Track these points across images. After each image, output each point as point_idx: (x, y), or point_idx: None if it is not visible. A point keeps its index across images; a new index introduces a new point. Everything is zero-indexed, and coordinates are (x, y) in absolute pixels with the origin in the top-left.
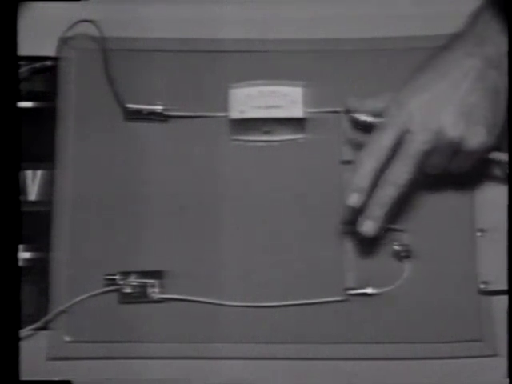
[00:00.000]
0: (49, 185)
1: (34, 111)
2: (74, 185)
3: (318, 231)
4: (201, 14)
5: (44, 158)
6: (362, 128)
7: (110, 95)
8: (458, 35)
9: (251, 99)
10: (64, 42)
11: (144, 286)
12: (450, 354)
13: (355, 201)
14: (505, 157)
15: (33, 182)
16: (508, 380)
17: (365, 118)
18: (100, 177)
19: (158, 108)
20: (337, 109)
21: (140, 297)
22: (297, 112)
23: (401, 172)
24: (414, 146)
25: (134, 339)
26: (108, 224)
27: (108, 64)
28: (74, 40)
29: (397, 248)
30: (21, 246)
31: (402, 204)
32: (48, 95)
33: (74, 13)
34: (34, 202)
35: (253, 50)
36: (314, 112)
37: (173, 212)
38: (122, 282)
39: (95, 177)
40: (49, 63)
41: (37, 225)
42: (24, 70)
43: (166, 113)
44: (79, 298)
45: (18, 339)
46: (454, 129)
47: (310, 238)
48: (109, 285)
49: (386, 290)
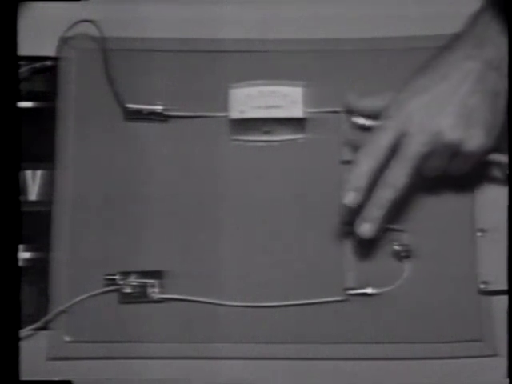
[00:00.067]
0: (49, 185)
1: (34, 111)
2: (74, 185)
3: (318, 231)
4: (201, 14)
5: (44, 158)
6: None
7: (110, 95)
8: (457, 36)
9: (251, 99)
10: (64, 41)
11: (144, 285)
12: (449, 354)
13: (351, 200)
14: (505, 158)
15: (33, 182)
16: (508, 380)
17: (363, 121)
18: (100, 177)
19: (158, 108)
20: (337, 109)
21: (140, 297)
22: (297, 112)
23: (399, 174)
24: (413, 148)
25: (134, 339)
26: (108, 224)
27: (108, 64)
28: (74, 40)
29: (397, 248)
30: (21, 246)
31: (402, 204)
32: (48, 95)
33: (74, 13)
34: (34, 202)
35: (253, 50)
36: (313, 112)
37: (173, 212)
38: (122, 282)
39: (95, 177)
40: (49, 63)
41: (37, 225)
42: (24, 69)
43: (166, 113)
44: (79, 298)
45: (18, 339)
46: (452, 131)
47: (310, 238)
48: (109, 285)
49: (385, 289)
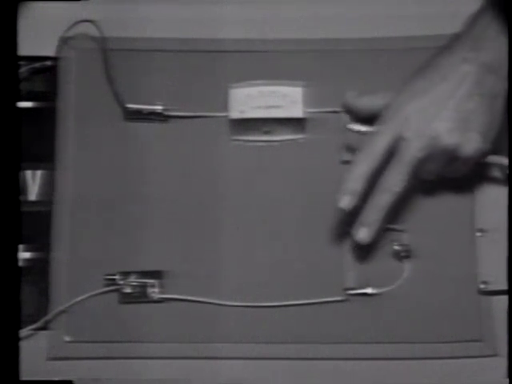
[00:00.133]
0: (49, 185)
1: (34, 111)
2: (74, 185)
3: (318, 231)
4: (201, 13)
5: (44, 158)
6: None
7: (110, 95)
8: (455, 39)
9: (251, 99)
10: (64, 41)
11: (144, 286)
12: (449, 354)
13: (347, 203)
14: (505, 160)
15: (33, 182)
16: (508, 380)
17: (359, 127)
18: (100, 177)
19: (158, 108)
20: (337, 109)
21: (140, 297)
22: (297, 112)
23: (395, 179)
24: (409, 153)
25: (134, 339)
26: (108, 224)
27: (108, 64)
28: (74, 40)
29: (397, 248)
30: (21, 246)
31: (402, 204)
32: (48, 95)
33: (74, 13)
34: (34, 202)
35: (253, 50)
36: (313, 112)
37: (173, 212)
38: (122, 282)
39: (95, 177)
40: (49, 63)
41: (37, 225)
42: (24, 69)
43: (166, 113)
44: (79, 298)
45: (18, 339)
46: (449, 136)
47: (309, 238)
48: (109, 285)
49: (386, 289)
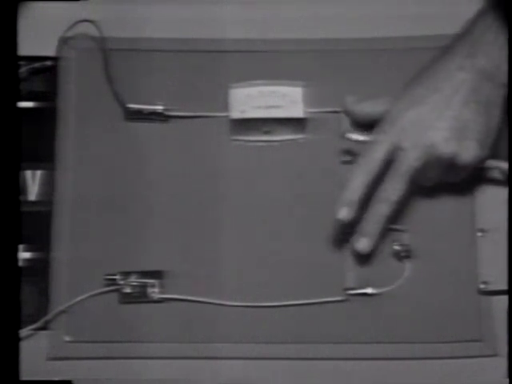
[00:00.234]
0: (49, 185)
1: (34, 111)
2: (74, 185)
3: (318, 231)
4: (201, 13)
5: (44, 158)
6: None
7: (110, 95)
8: (451, 44)
9: (251, 99)
10: (64, 41)
11: (144, 285)
12: (450, 354)
13: (345, 215)
14: (504, 165)
15: (33, 182)
16: (508, 380)
17: (356, 137)
18: (100, 177)
19: (159, 108)
20: (337, 109)
21: (140, 297)
22: (297, 112)
23: (393, 189)
24: (406, 163)
25: (134, 339)
26: (108, 224)
27: (108, 64)
28: (73, 40)
29: (397, 248)
30: (21, 246)
31: (402, 205)
32: (48, 95)
33: (74, 13)
34: (34, 202)
35: (253, 50)
36: (314, 112)
37: (173, 212)
38: (122, 282)
39: (95, 177)
40: (49, 63)
41: (37, 225)
42: (24, 69)
43: (167, 113)
44: (79, 298)
45: (18, 339)
46: (446, 145)
47: (309, 238)
48: (109, 285)
49: (386, 290)
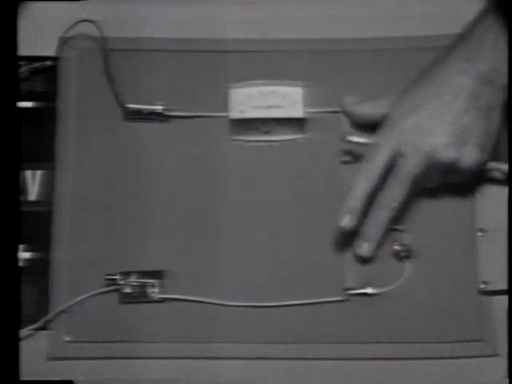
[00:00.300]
0: (49, 185)
1: (34, 111)
2: (74, 185)
3: (318, 231)
4: (201, 13)
5: (44, 158)
6: (361, 129)
7: (110, 95)
8: (451, 47)
9: (251, 99)
10: (64, 41)
11: (144, 285)
12: (450, 354)
13: (347, 223)
14: (504, 166)
15: (33, 182)
16: (508, 380)
17: (358, 139)
18: (100, 177)
19: (159, 108)
20: (337, 109)
21: (140, 297)
22: (297, 112)
23: (394, 195)
24: (407, 169)
25: (134, 339)
26: (108, 224)
27: (108, 64)
28: (73, 40)
29: (397, 248)
30: (21, 246)
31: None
32: (48, 95)
33: (74, 13)
34: (34, 202)
35: (253, 50)
36: (314, 112)
37: (173, 212)
38: (122, 282)
39: (95, 177)
40: (49, 63)
41: (37, 225)
42: (24, 69)
43: (166, 113)
44: (79, 298)
45: (18, 339)
46: (446, 151)
47: (309, 238)
48: (109, 285)
49: (386, 290)
